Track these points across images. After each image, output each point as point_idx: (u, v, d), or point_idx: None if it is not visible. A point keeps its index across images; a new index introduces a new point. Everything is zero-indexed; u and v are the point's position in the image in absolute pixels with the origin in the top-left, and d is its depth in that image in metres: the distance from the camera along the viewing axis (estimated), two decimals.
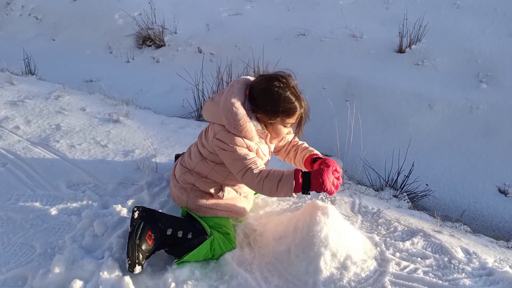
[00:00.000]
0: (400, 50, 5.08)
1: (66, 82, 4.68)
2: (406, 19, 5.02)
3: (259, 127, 2.03)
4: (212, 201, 2.16)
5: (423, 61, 4.92)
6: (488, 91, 4.42)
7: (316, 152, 2.23)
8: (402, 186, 3.27)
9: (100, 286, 1.89)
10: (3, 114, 3.34)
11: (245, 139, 1.97)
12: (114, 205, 2.39)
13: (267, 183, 1.89)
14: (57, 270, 1.95)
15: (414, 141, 3.87)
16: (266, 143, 2.12)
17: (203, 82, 4.49)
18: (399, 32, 4.97)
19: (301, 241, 1.98)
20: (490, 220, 3.26)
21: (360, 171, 3.54)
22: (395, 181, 3.32)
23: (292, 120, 2.02)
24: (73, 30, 6.70)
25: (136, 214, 2.02)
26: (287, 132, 2.11)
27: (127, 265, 1.92)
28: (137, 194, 2.54)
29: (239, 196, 2.25)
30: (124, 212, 2.35)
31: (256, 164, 1.96)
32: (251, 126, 1.96)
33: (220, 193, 2.16)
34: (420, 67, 4.89)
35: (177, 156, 2.63)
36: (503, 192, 3.55)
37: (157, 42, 6.10)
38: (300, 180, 1.86)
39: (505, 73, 4.51)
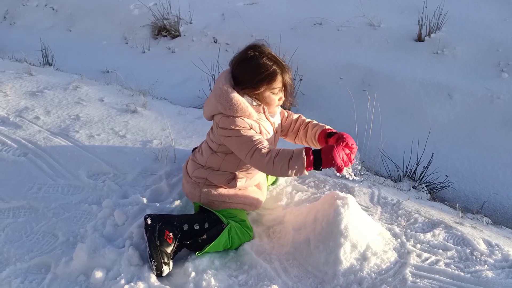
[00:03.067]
0: (419, 39, 4.99)
1: (83, 73, 4.71)
2: (426, 7, 4.93)
3: (252, 101, 2.04)
4: (225, 194, 2.16)
5: (442, 50, 4.82)
6: (510, 81, 4.31)
7: (328, 127, 2.20)
8: (421, 177, 3.23)
9: (122, 275, 1.91)
10: (23, 104, 3.38)
11: (244, 119, 1.99)
12: (133, 195, 2.41)
13: (277, 162, 1.87)
14: (79, 258, 1.98)
15: (433, 131, 3.81)
16: (267, 118, 2.11)
17: (218, 72, 4.48)
18: (418, 21, 4.88)
19: (320, 232, 1.97)
20: (511, 211, 3.21)
21: (378, 162, 3.50)
22: (414, 172, 3.28)
23: (277, 84, 1.99)
24: (89, 21, 6.73)
25: (149, 221, 2.02)
26: (279, 99, 2.07)
27: (154, 269, 1.92)
28: (156, 184, 2.56)
29: (252, 187, 2.25)
30: (143, 201, 2.37)
31: (263, 144, 1.94)
32: (244, 102, 1.98)
33: (233, 182, 2.16)
34: (440, 56, 4.80)
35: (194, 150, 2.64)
36: None
37: (173, 33, 6.09)
38: (311, 156, 1.85)
39: None
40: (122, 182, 2.57)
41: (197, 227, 2.03)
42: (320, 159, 1.85)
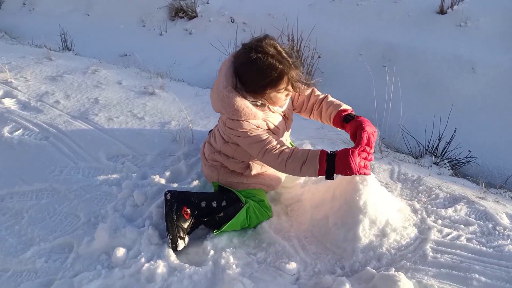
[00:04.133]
0: (442, 11, 4.83)
1: (101, 57, 4.75)
2: None
3: (257, 102, 1.95)
4: (242, 177, 2.15)
5: (466, 22, 4.66)
6: None
7: (344, 107, 2.07)
8: (443, 153, 3.16)
9: (142, 253, 1.94)
10: (44, 89, 3.43)
11: (250, 121, 1.91)
12: (152, 176, 2.43)
13: (290, 164, 1.86)
14: (100, 238, 2.02)
15: (455, 106, 3.71)
16: (272, 111, 2.01)
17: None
18: None
19: (339, 209, 1.95)
20: None
21: (399, 138, 3.44)
22: (436, 148, 3.21)
23: (283, 84, 1.87)
24: (106, 5, 6.74)
25: (168, 196, 2.04)
26: (286, 95, 1.95)
27: (169, 242, 1.95)
28: (174, 165, 2.57)
29: (269, 171, 2.20)
30: (162, 182, 2.39)
31: (273, 144, 1.91)
32: (248, 106, 1.88)
33: (248, 171, 2.13)
34: (463, 29, 4.64)
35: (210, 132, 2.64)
36: None
37: (190, 14, 6.06)
38: (325, 164, 1.81)
39: None
40: (141, 164, 2.59)
41: (214, 204, 2.04)
42: (334, 166, 1.81)
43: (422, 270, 1.74)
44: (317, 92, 2.19)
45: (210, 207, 2.03)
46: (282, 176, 2.28)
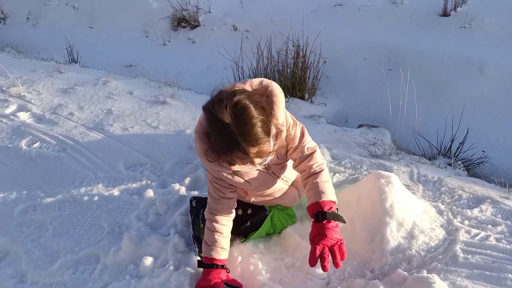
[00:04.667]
0: (445, 14, 4.87)
1: (107, 68, 4.75)
2: None
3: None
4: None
5: (470, 24, 4.69)
6: None
7: (325, 198, 1.73)
8: (456, 154, 3.17)
9: (170, 262, 1.94)
10: (57, 101, 3.44)
11: (209, 171, 1.78)
12: (172, 184, 2.44)
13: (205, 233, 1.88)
14: (127, 247, 2.02)
15: (465, 108, 3.72)
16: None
17: (242, 59, 4.46)
18: None
19: (365, 212, 1.96)
20: None
21: (410, 141, 3.45)
22: (449, 149, 3.22)
23: (234, 159, 1.49)
24: (109, 17, 6.77)
25: (194, 203, 2.05)
26: (255, 163, 1.55)
27: (197, 251, 1.96)
28: (193, 172, 2.58)
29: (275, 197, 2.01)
30: (182, 190, 2.40)
31: (211, 206, 1.85)
32: (209, 165, 1.66)
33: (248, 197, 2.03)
34: (468, 30, 4.68)
35: None
36: None
37: (192, 23, 6.09)
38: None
39: None
40: (160, 172, 2.60)
41: (240, 212, 2.04)
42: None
43: (454, 272, 1.74)
44: (312, 161, 1.80)
45: (235, 215, 2.03)
46: (296, 194, 2.12)
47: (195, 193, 2.40)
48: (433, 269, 1.76)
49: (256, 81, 1.60)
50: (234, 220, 2.00)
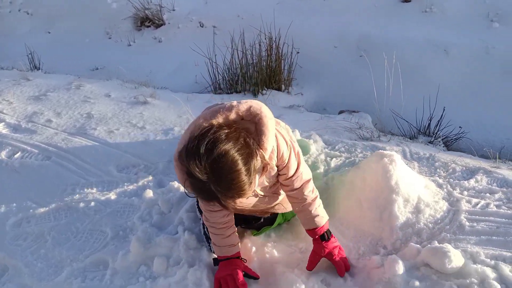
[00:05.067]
0: (406, 0, 5.05)
1: (72, 73, 4.59)
2: None
3: None
4: None
5: (431, 8, 4.89)
6: (501, 30, 4.42)
7: (312, 225, 1.79)
8: (436, 132, 3.30)
9: (183, 259, 1.91)
10: (31, 109, 3.29)
11: None
12: (171, 183, 2.39)
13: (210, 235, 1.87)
14: (136, 249, 1.97)
15: (435, 88, 3.87)
16: None
17: (215, 54, 4.44)
18: None
19: (370, 192, 2.01)
20: None
21: (388, 123, 3.55)
22: (427, 128, 3.36)
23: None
24: (67, 21, 6.53)
25: None
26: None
27: (209, 246, 1.94)
28: None
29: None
30: (182, 188, 2.36)
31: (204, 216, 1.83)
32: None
33: None
34: (429, 14, 4.87)
35: None
36: None
37: (156, 22, 5.98)
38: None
39: None
40: (155, 172, 2.55)
41: None
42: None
43: (463, 240, 1.82)
44: (305, 191, 1.76)
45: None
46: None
47: None
48: (443, 239, 1.83)
49: (243, 107, 1.52)
50: (247, 219, 1.99)
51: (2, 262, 2.09)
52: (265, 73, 4.25)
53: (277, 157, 1.60)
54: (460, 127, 3.39)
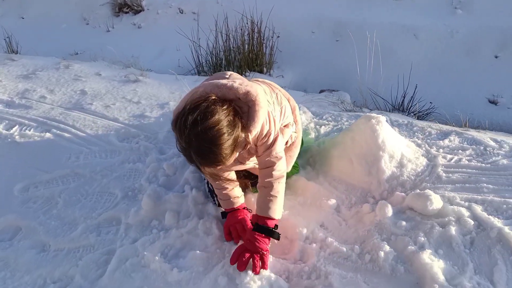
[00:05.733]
0: None
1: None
2: None
3: None
4: None
5: None
6: (463, 16, 4.79)
7: (268, 214, 1.85)
8: (409, 107, 3.59)
9: (192, 213, 2.09)
10: (22, 87, 3.35)
11: None
12: (172, 149, 2.55)
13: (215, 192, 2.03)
14: (148, 205, 2.13)
15: (407, 69, 4.17)
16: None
17: (199, 38, 4.58)
18: None
19: (360, 150, 2.24)
20: (488, 128, 3.66)
21: (364, 100, 3.81)
22: (401, 104, 3.64)
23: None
24: (41, 6, 6.49)
25: None
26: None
27: (216, 203, 2.11)
28: None
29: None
30: None
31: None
32: None
33: None
34: (399, 2, 5.18)
35: None
36: (493, 102, 3.96)
37: (135, 8, 6.05)
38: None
39: None
40: (155, 141, 2.69)
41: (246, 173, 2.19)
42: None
43: (441, 188, 2.08)
44: (274, 170, 1.85)
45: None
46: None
47: None
48: (424, 188, 2.08)
49: (241, 90, 1.64)
50: (243, 175, 2.18)
51: (13, 223, 2.19)
52: (247, 56, 4.43)
53: (257, 138, 1.78)
54: (430, 102, 3.70)
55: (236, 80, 1.70)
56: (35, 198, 2.31)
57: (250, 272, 1.77)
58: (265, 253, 1.81)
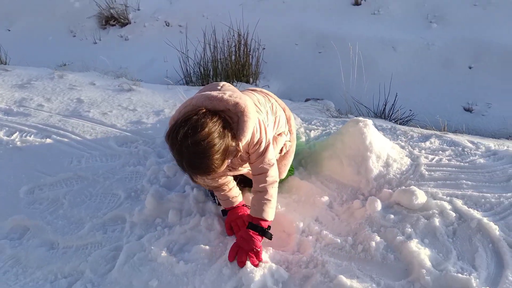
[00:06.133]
0: (356, 3, 5.64)
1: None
2: None
3: None
4: None
5: (378, 10, 5.49)
6: (438, 29, 5.08)
7: (262, 215, 1.98)
8: (390, 115, 3.81)
9: (194, 211, 2.21)
10: (18, 96, 3.42)
11: None
12: (170, 154, 2.66)
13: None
14: (151, 204, 2.25)
15: (387, 78, 4.40)
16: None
17: (187, 50, 4.73)
18: None
19: (350, 152, 2.41)
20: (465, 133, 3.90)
21: (347, 109, 4.01)
22: (383, 111, 3.86)
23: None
24: (28, 18, 6.54)
25: None
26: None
27: (217, 203, 2.24)
28: None
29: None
30: None
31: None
32: None
33: None
34: (377, 16, 5.46)
35: None
36: (468, 110, 4.23)
37: (122, 21, 6.16)
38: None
39: (450, 12, 5.20)
40: (154, 146, 2.81)
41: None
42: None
43: (425, 184, 2.27)
44: (263, 182, 1.98)
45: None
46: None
47: None
48: (409, 185, 2.27)
49: (231, 102, 1.74)
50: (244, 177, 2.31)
51: (21, 223, 2.28)
52: (234, 67, 4.60)
53: (249, 146, 1.90)
54: (410, 110, 3.93)
55: (226, 92, 1.81)
56: (40, 200, 2.40)
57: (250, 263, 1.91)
58: (258, 249, 1.94)
